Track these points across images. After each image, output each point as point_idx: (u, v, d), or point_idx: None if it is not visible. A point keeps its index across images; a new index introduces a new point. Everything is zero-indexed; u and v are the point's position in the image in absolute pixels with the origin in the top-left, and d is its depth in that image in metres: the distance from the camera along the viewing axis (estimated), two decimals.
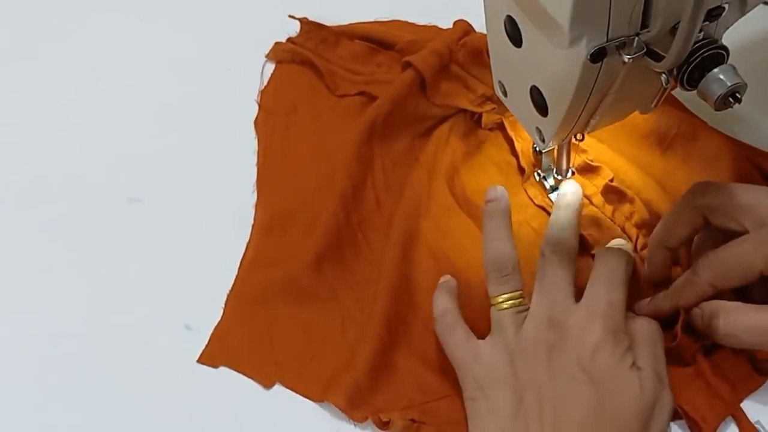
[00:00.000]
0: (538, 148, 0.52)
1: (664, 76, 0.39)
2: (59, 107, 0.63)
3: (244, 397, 0.48)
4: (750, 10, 0.41)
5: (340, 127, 0.59)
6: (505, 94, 0.49)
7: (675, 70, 0.38)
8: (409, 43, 0.61)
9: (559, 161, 0.52)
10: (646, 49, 0.38)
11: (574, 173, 0.53)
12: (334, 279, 0.52)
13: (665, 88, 0.41)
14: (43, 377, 0.49)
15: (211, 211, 0.56)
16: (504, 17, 0.42)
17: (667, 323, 0.46)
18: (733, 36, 0.41)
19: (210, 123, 0.61)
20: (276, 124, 0.60)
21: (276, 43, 0.64)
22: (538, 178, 0.54)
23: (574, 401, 0.42)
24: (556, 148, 0.51)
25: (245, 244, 0.54)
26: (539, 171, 0.54)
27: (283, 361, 0.49)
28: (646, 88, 0.42)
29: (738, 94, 0.39)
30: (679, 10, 0.34)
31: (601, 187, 0.53)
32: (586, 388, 0.42)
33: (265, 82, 0.63)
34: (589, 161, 0.54)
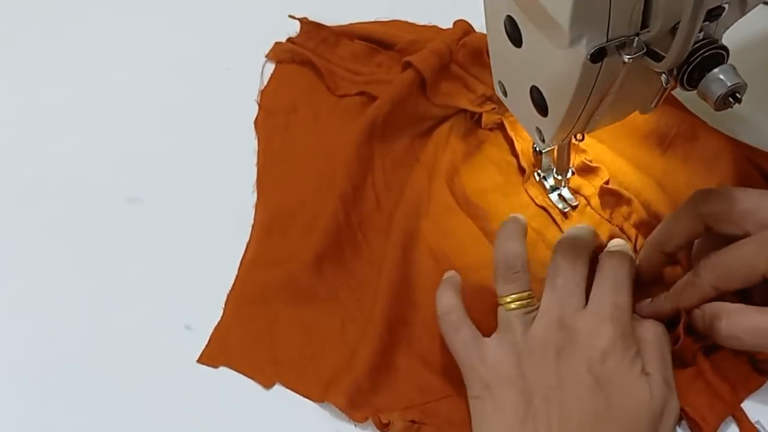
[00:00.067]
0: (538, 148, 0.52)
1: (664, 76, 0.39)
2: (59, 107, 0.63)
3: (244, 397, 0.48)
4: (750, 10, 0.41)
5: (340, 127, 0.58)
6: (505, 94, 0.49)
7: (675, 70, 0.38)
8: (409, 43, 0.61)
9: (559, 161, 0.52)
10: (646, 49, 0.38)
11: (574, 173, 0.53)
12: (334, 279, 0.51)
13: (665, 88, 0.41)
14: (43, 377, 0.49)
15: (211, 211, 0.56)
16: (504, 17, 0.42)
17: (668, 325, 0.46)
18: (733, 36, 0.41)
19: (210, 123, 0.61)
20: (276, 124, 0.60)
21: (276, 43, 0.64)
22: (538, 178, 0.54)
23: (583, 406, 0.41)
24: (556, 148, 0.51)
25: (245, 244, 0.54)
26: (539, 171, 0.54)
27: (283, 361, 0.49)
28: (646, 88, 0.42)
29: (738, 94, 0.39)
30: (679, 10, 0.34)
31: (598, 188, 0.53)
32: (595, 392, 0.41)
33: (265, 82, 0.63)
34: (588, 162, 0.54)
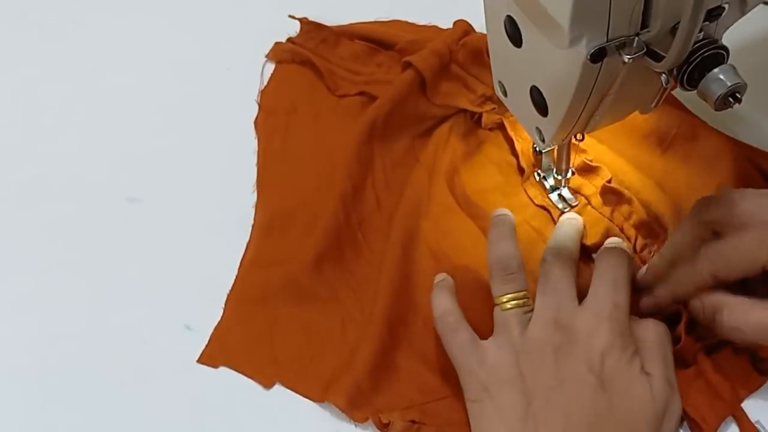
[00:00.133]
0: (538, 148, 0.52)
1: (664, 76, 0.39)
2: (59, 107, 0.63)
3: (244, 397, 0.48)
4: (750, 10, 0.41)
5: (340, 127, 0.58)
6: (505, 94, 0.49)
7: (675, 70, 0.38)
8: (409, 43, 0.61)
9: (559, 161, 0.52)
10: (646, 49, 0.38)
11: (573, 173, 0.53)
12: (334, 279, 0.51)
13: (665, 88, 0.41)
14: (43, 377, 0.49)
15: (211, 211, 0.56)
16: (504, 17, 0.42)
17: (669, 324, 0.46)
18: (733, 36, 0.41)
19: (210, 123, 0.61)
20: (276, 124, 0.60)
21: (276, 43, 0.64)
22: (538, 178, 0.54)
23: (584, 406, 0.41)
24: (556, 148, 0.51)
25: (245, 244, 0.54)
26: (539, 171, 0.54)
27: (283, 361, 0.49)
28: (646, 88, 0.42)
29: (738, 94, 0.39)
30: (679, 10, 0.34)
31: (599, 187, 0.53)
32: (596, 393, 0.41)
33: (265, 82, 0.63)
34: (589, 161, 0.54)
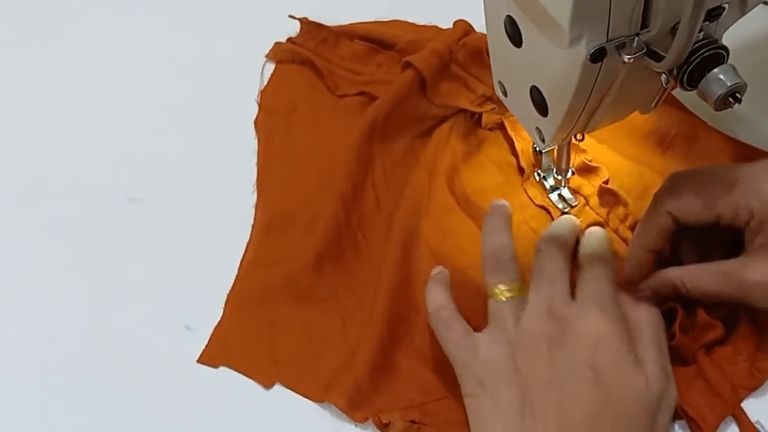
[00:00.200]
0: (538, 148, 0.52)
1: (664, 76, 0.39)
2: (59, 107, 0.63)
3: (244, 397, 0.48)
4: (750, 10, 0.41)
5: (340, 127, 0.59)
6: (505, 94, 0.49)
7: (675, 70, 0.38)
8: (409, 43, 0.61)
9: (559, 161, 0.52)
10: (646, 49, 0.38)
11: (573, 173, 0.53)
12: (334, 279, 0.51)
13: (665, 88, 0.41)
14: (43, 377, 0.49)
15: (211, 211, 0.56)
16: (504, 17, 0.42)
17: (665, 322, 0.46)
18: (733, 36, 0.41)
19: (210, 123, 0.61)
20: (276, 124, 0.60)
21: (276, 43, 0.64)
22: (538, 178, 0.54)
23: (580, 398, 0.41)
24: (556, 148, 0.51)
25: (245, 244, 0.54)
26: (539, 171, 0.54)
27: (283, 361, 0.49)
28: (646, 88, 0.42)
29: (738, 94, 0.39)
30: (679, 10, 0.34)
31: (597, 188, 0.53)
32: (591, 384, 0.41)
33: (265, 82, 0.63)
34: (588, 161, 0.54)
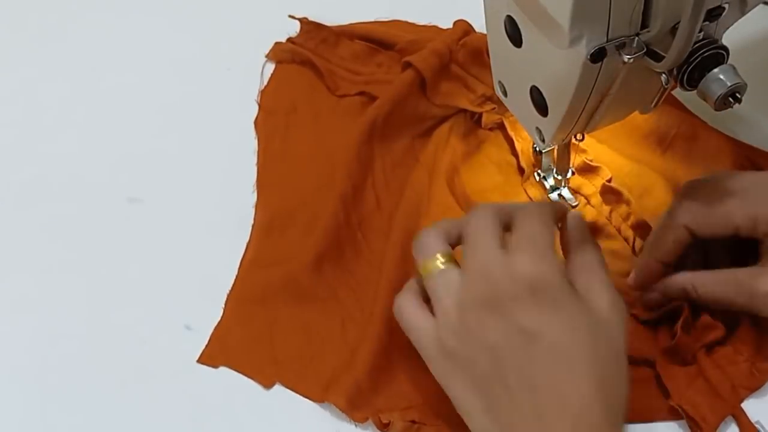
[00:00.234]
0: (538, 148, 0.52)
1: (664, 76, 0.39)
2: (59, 107, 0.63)
3: (244, 397, 0.48)
4: (750, 10, 0.41)
5: (340, 127, 0.59)
6: (505, 94, 0.49)
7: (675, 70, 0.38)
8: (409, 43, 0.61)
9: (559, 161, 0.52)
10: (646, 49, 0.38)
11: (574, 173, 0.53)
12: (334, 279, 0.51)
13: (665, 88, 0.41)
14: (43, 377, 0.49)
15: (211, 211, 0.56)
16: (504, 17, 0.42)
17: (666, 321, 0.46)
18: (733, 36, 0.41)
19: (210, 123, 0.61)
20: (276, 124, 0.60)
21: (276, 43, 0.64)
22: (538, 178, 0.54)
23: (520, 366, 0.38)
24: (556, 148, 0.51)
25: (245, 244, 0.54)
26: (539, 171, 0.54)
27: (283, 361, 0.49)
28: (646, 88, 0.42)
29: (738, 94, 0.39)
30: (679, 10, 0.34)
31: (599, 187, 0.53)
32: (529, 345, 0.38)
33: (265, 82, 0.63)
34: (589, 161, 0.54)
